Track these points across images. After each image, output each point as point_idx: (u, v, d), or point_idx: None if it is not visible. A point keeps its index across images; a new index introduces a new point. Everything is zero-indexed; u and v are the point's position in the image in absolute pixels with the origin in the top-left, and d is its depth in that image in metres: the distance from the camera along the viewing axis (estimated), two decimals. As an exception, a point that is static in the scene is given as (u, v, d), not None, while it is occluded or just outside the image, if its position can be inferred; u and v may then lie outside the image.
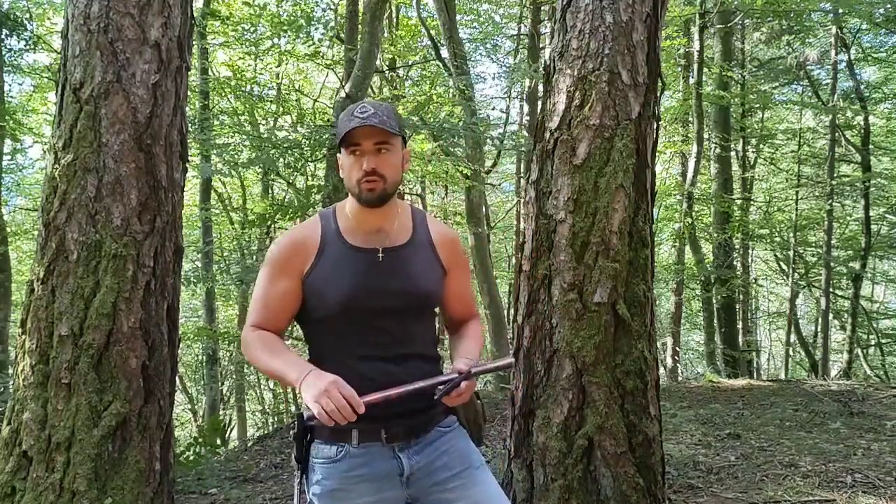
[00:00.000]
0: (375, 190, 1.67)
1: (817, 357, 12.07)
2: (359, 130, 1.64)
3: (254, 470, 4.77)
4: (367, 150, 1.66)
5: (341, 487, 1.70)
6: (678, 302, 11.94)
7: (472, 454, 1.78)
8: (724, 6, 10.21)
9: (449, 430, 1.78)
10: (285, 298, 1.73)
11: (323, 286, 1.70)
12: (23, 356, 3.27)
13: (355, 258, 1.72)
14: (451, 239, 1.86)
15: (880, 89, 13.15)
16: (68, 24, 3.41)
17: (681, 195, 11.62)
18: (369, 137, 1.66)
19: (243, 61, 10.87)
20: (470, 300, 1.95)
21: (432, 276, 1.79)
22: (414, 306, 1.75)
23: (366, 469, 1.69)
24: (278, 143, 8.94)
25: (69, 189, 3.26)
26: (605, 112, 3.24)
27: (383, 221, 1.75)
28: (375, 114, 1.66)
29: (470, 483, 1.73)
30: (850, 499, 3.53)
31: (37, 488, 3.07)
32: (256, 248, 10.21)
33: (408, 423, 1.71)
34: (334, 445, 1.71)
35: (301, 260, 1.72)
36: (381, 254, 1.73)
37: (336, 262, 1.72)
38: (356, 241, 1.74)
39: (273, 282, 1.73)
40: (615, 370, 3.12)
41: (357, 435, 1.69)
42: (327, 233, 1.75)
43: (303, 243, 1.73)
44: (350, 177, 1.69)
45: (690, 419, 5.63)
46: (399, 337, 1.72)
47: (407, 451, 1.72)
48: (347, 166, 1.70)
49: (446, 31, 9.39)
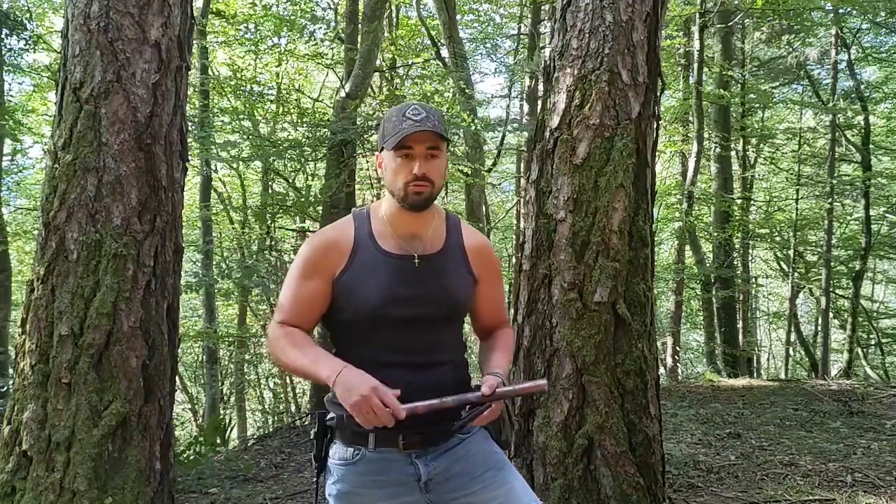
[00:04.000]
0: (423, 194, 1.65)
1: (817, 357, 12.06)
2: (415, 135, 1.62)
3: (254, 469, 4.77)
4: (419, 154, 1.63)
5: (356, 490, 1.69)
6: (678, 302, 11.93)
7: (492, 456, 1.75)
8: (724, 6, 10.21)
9: (469, 436, 1.74)
10: (314, 298, 1.71)
11: (353, 290, 1.68)
12: (23, 356, 3.27)
13: (389, 263, 1.69)
14: (483, 246, 1.84)
15: (880, 89, 13.14)
16: (68, 24, 3.41)
17: (681, 195, 11.61)
18: (422, 142, 1.63)
19: (243, 60, 10.87)
20: (502, 308, 1.91)
21: (464, 285, 1.77)
22: (445, 314, 1.74)
23: (382, 474, 1.68)
24: (278, 143, 8.95)
25: (69, 189, 3.26)
26: (605, 111, 3.24)
27: (419, 227, 1.73)
28: (428, 118, 1.63)
29: (493, 485, 1.70)
30: (850, 498, 3.53)
31: (37, 488, 3.07)
32: (257, 249, 10.20)
33: (426, 432, 1.69)
34: (351, 447, 1.69)
35: (333, 261, 1.70)
36: (416, 261, 1.71)
37: (369, 266, 1.69)
38: (389, 245, 1.71)
39: (303, 281, 1.71)
40: (615, 370, 3.12)
41: (374, 439, 1.66)
42: (360, 235, 1.72)
43: (335, 245, 1.71)
44: (396, 179, 1.66)
45: (690, 418, 5.63)
46: (427, 344, 1.70)
47: (424, 458, 1.69)
48: (394, 168, 1.66)
49: (446, 31, 9.39)
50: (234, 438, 9.98)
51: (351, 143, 7.18)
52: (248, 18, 10.22)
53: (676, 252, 13.16)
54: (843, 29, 11.37)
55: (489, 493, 1.69)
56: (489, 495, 1.69)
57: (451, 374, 1.72)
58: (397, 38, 11.42)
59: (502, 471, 1.73)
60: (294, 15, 10.04)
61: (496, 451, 1.77)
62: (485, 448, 1.76)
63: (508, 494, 1.69)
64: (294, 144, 8.66)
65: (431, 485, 1.70)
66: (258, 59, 11.21)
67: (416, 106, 1.66)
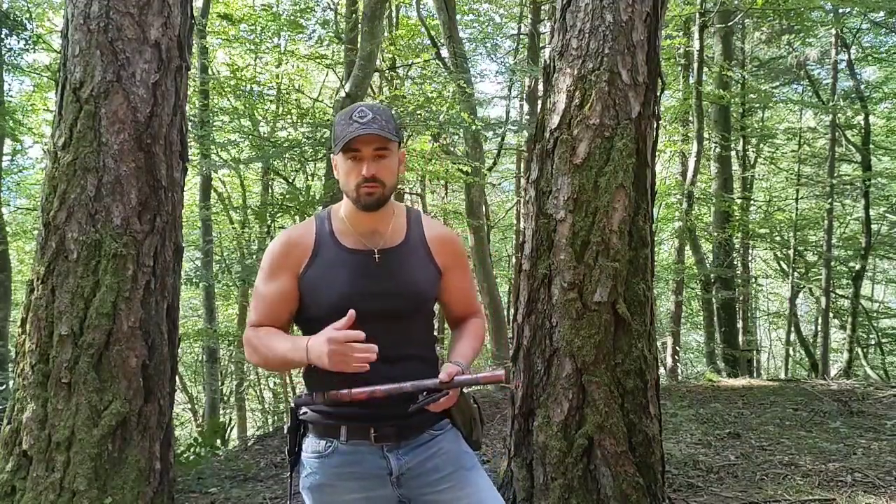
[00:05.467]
0: (374, 195, 1.67)
1: (817, 356, 12.06)
2: (360, 137, 1.64)
3: (254, 469, 4.77)
4: (367, 156, 1.66)
5: (329, 482, 1.71)
6: (678, 302, 11.93)
7: (463, 456, 1.78)
8: (724, 5, 10.21)
9: (441, 433, 1.77)
10: (282, 297, 1.74)
11: (317, 286, 1.71)
12: (23, 356, 3.27)
13: (350, 260, 1.73)
14: (447, 237, 1.86)
15: (880, 89, 13.14)
16: (68, 24, 3.41)
17: (681, 195, 11.61)
18: (369, 144, 1.65)
19: (243, 60, 10.88)
20: (470, 298, 1.94)
21: (427, 277, 1.79)
22: (409, 307, 1.75)
23: (354, 466, 1.70)
24: (278, 143, 8.95)
25: (69, 189, 3.26)
26: (605, 111, 3.24)
27: (378, 224, 1.76)
28: (374, 119, 1.65)
29: (461, 485, 1.73)
30: (850, 498, 3.53)
31: (37, 488, 3.07)
32: (257, 248, 10.21)
33: (398, 425, 1.71)
34: (323, 440, 1.72)
35: (296, 259, 1.73)
36: (376, 255, 1.73)
37: (330, 263, 1.72)
38: (350, 242, 1.75)
39: (270, 281, 1.75)
40: (615, 369, 3.12)
41: (346, 432, 1.70)
42: (321, 234, 1.76)
43: (297, 243, 1.75)
44: (348, 181, 1.69)
45: (690, 418, 5.63)
46: (394, 338, 1.70)
47: (396, 452, 1.72)
48: (345, 171, 1.69)
49: (446, 31, 9.39)
50: (234, 438, 9.98)
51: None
52: (247, 18, 10.22)
53: (676, 252, 13.16)
54: (843, 29, 11.37)
55: (459, 493, 1.72)
56: (459, 494, 1.72)
57: (419, 368, 1.72)
58: (397, 38, 11.42)
59: (471, 471, 1.76)
60: (295, 15, 10.05)
61: (467, 451, 1.80)
62: (456, 447, 1.78)
63: (475, 495, 1.72)
64: (294, 144, 8.66)
65: (403, 479, 1.72)
66: (258, 59, 11.22)
67: (363, 107, 1.68)
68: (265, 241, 10.11)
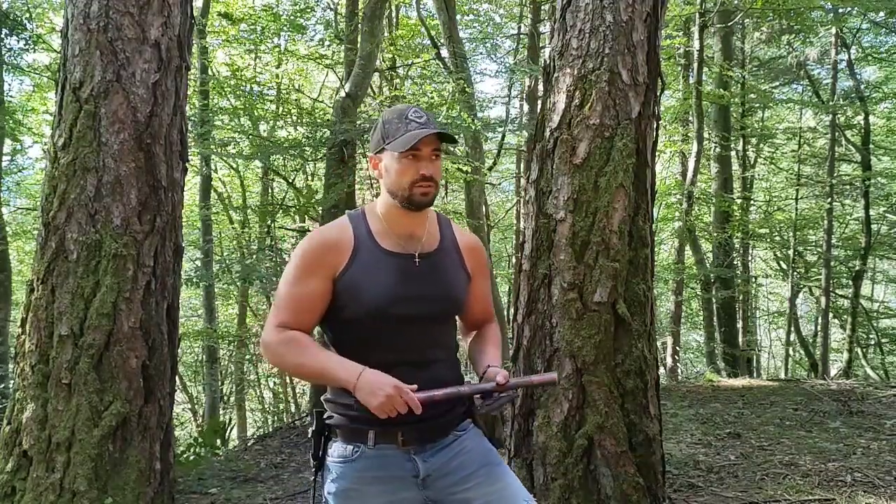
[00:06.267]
0: (430, 195, 1.68)
1: (817, 356, 12.06)
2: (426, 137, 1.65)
3: (254, 469, 4.77)
4: (425, 156, 1.67)
5: (355, 487, 1.70)
6: (678, 302, 11.93)
7: (488, 453, 1.78)
8: (724, 5, 10.21)
9: (464, 433, 1.78)
10: (314, 298, 1.70)
11: (357, 288, 1.68)
12: (23, 356, 3.27)
13: (391, 262, 1.71)
14: (476, 244, 1.88)
15: (880, 89, 13.13)
16: (68, 24, 3.41)
17: (681, 195, 11.61)
18: (429, 144, 1.66)
19: (243, 60, 10.87)
20: (490, 304, 1.95)
21: (460, 283, 1.80)
22: (444, 312, 1.77)
23: (380, 470, 1.69)
24: (278, 142, 8.95)
25: (69, 189, 3.26)
26: (605, 111, 3.24)
27: (416, 226, 1.75)
28: (429, 120, 1.68)
29: (488, 481, 1.72)
30: (850, 498, 3.53)
31: (37, 488, 3.07)
32: (257, 248, 10.20)
33: (425, 428, 1.70)
34: (350, 445, 1.71)
35: (333, 260, 1.69)
36: (416, 259, 1.73)
37: (370, 265, 1.70)
38: (389, 245, 1.73)
39: (302, 281, 1.70)
40: (615, 370, 3.12)
41: (373, 436, 1.68)
42: (359, 234, 1.73)
43: (334, 245, 1.71)
44: (401, 180, 1.67)
45: (690, 418, 5.63)
46: (427, 342, 1.72)
47: (422, 454, 1.71)
48: (398, 170, 1.67)
49: (446, 31, 9.39)
50: (234, 438, 9.98)
51: (351, 143, 7.19)
52: (246, 18, 10.22)
53: (676, 252, 13.15)
54: (843, 29, 11.36)
55: (484, 489, 1.71)
56: (484, 490, 1.71)
57: (446, 372, 1.74)
58: (397, 38, 11.42)
59: (498, 467, 1.76)
60: (295, 15, 10.05)
61: (491, 449, 1.80)
62: (480, 445, 1.78)
63: (503, 491, 1.72)
64: (294, 144, 8.66)
65: (429, 481, 1.71)
66: (258, 58, 11.22)
67: (416, 108, 1.69)
68: (265, 240, 10.11)
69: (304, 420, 7.25)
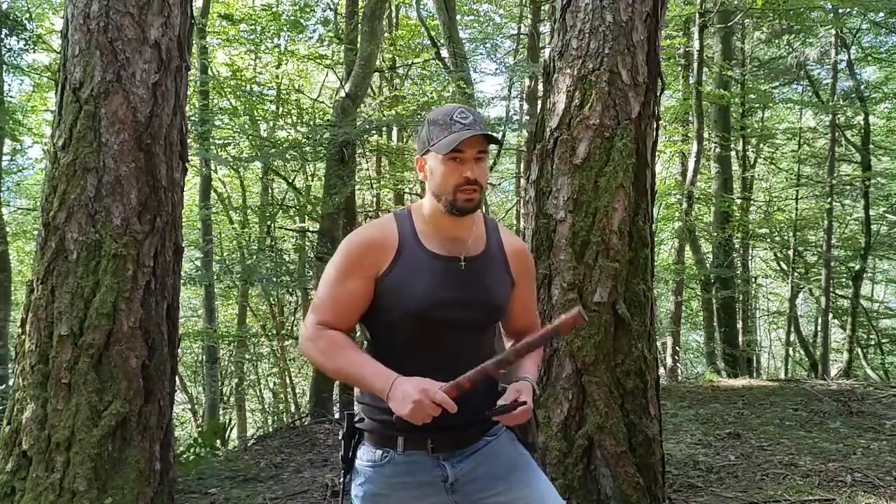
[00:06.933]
0: (473, 199, 1.63)
1: (817, 356, 12.06)
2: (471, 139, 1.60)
3: (254, 469, 4.77)
4: (469, 158, 1.61)
5: (383, 492, 1.69)
6: (678, 302, 11.93)
7: (518, 458, 1.74)
8: (724, 6, 10.21)
9: (495, 437, 1.75)
10: (355, 298, 1.66)
11: (400, 290, 1.65)
12: (23, 356, 3.27)
13: (436, 265, 1.66)
14: (523, 250, 1.83)
15: (880, 89, 13.13)
16: (68, 24, 3.41)
17: (681, 195, 11.61)
18: (473, 146, 1.61)
19: (243, 60, 10.88)
20: (533, 312, 1.90)
21: (505, 289, 1.76)
22: (487, 318, 1.73)
23: (409, 476, 1.68)
24: (278, 143, 8.95)
25: (69, 189, 3.26)
26: (605, 112, 3.24)
27: (462, 229, 1.70)
28: (476, 121, 1.62)
29: (517, 486, 1.70)
30: (850, 498, 3.53)
31: (36, 488, 3.07)
32: (257, 248, 10.21)
33: (455, 436, 1.68)
34: (380, 450, 1.69)
35: (377, 260, 1.65)
36: (462, 263, 1.68)
37: (415, 266, 1.66)
38: (434, 247, 1.68)
39: (344, 280, 1.66)
40: (615, 370, 3.12)
41: (403, 442, 1.66)
42: (404, 234, 1.69)
43: (380, 243, 1.67)
44: (445, 183, 1.63)
45: (690, 419, 5.63)
46: (467, 349, 1.68)
47: (451, 460, 1.69)
48: (442, 172, 1.63)
49: (446, 31, 9.39)
50: (234, 438, 9.98)
51: (351, 143, 7.19)
52: (249, 18, 10.23)
53: (676, 252, 13.16)
54: (843, 29, 11.36)
55: (514, 494, 1.69)
56: (514, 496, 1.69)
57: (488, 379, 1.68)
58: (397, 38, 11.42)
59: (528, 472, 1.73)
60: (295, 15, 10.06)
61: (522, 453, 1.76)
62: (511, 449, 1.75)
63: (533, 496, 1.69)
64: (294, 144, 8.66)
65: (457, 486, 1.69)
66: (258, 59, 11.22)
67: (463, 109, 1.64)
68: (265, 241, 10.11)
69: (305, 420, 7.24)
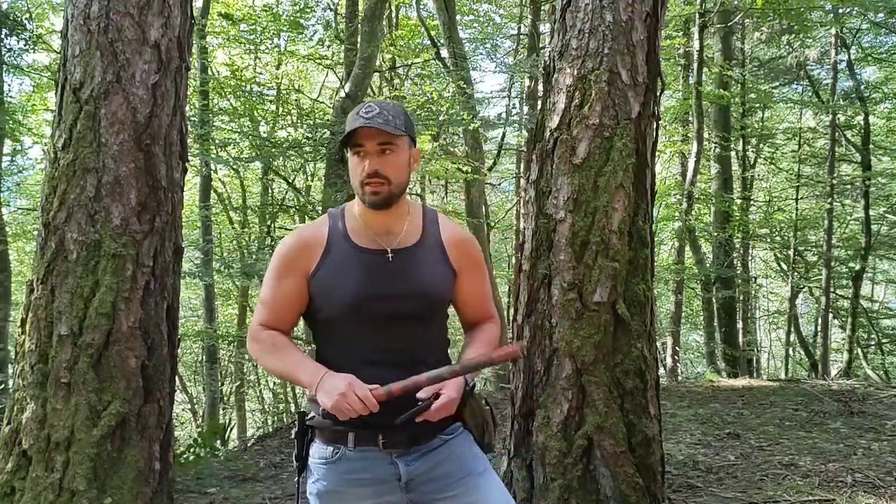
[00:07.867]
0: (379, 193, 1.63)
1: (817, 357, 12.06)
2: (362, 131, 1.61)
3: (253, 469, 4.77)
4: (371, 151, 1.63)
5: (337, 489, 1.69)
6: (678, 302, 11.93)
7: (474, 460, 1.73)
8: (724, 6, 10.22)
9: (452, 437, 1.73)
10: (290, 298, 1.71)
11: (328, 287, 1.67)
12: (22, 356, 3.27)
13: (362, 259, 1.68)
14: (463, 239, 1.81)
15: (880, 89, 13.13)
16: (68, 24, 3.41)
17: (681, 195, 11.61)
18: (372, 138, 1.62)
19: (243, 60, 10.88)
20: (485, 302, 1.88)
21: (441, 279, 1.74)
22: (423, 310, 1.71)
23: (362, 473, 1.68)
24: (278, 143, 8.95)
25: (69, 189, 3.26)
26: (604, 111, 3.23)
27: (392, 223, 1.71)
28: (380, 114, 1.62)
29: (470, 491, 1.69)
30: (850, 498, 3.53)
31: (36, 488, 3.07)
32: (256, 248, 10.21)
33: (407, 432, 1.67)
34: (331, 446, 1.69)
35: (306, 259, 1.69)
36: (389, 255, 1.69)
37: (342, 262, 1.68)
38: (363, 241, 1.70)
39: (278, 281, 1.71)
40: (615, 370, 3.12)
41: (353, 438, 1.66)
42: (334, 233, 1.71)
43: (308, 243, 1.70)
44: (353, 178, 1.66)
45: (690, 419, 5.63)
46: (408, 342, 1.68)
47: (405, 458, 1.69)
48: (351, 167, 1.67)
49: (446, 31, 9.39)
50: (233, 439, 9.99)
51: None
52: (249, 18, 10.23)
53: (676, 252, 13.16)
54: (843, 29, 11.36)
55: (469, 497, 1.69)
56: (469, 499, 1.69)
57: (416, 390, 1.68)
58: (397, 38, 11.42)
59: (481, 476, 1.72)
60: (295, 15, 10.06)
61: (478, 455, 1.76)
62: (467, 451, 1.74)
63: (483, 501, 1.69)
64: (294, 144, 8.66)
65: (412, 485, 1.69)
66: (258, 59, 11.22)
67: (372, 104, 1.66)
68: (265, 240, 10.11)
69: (304, 420, 7.23)
